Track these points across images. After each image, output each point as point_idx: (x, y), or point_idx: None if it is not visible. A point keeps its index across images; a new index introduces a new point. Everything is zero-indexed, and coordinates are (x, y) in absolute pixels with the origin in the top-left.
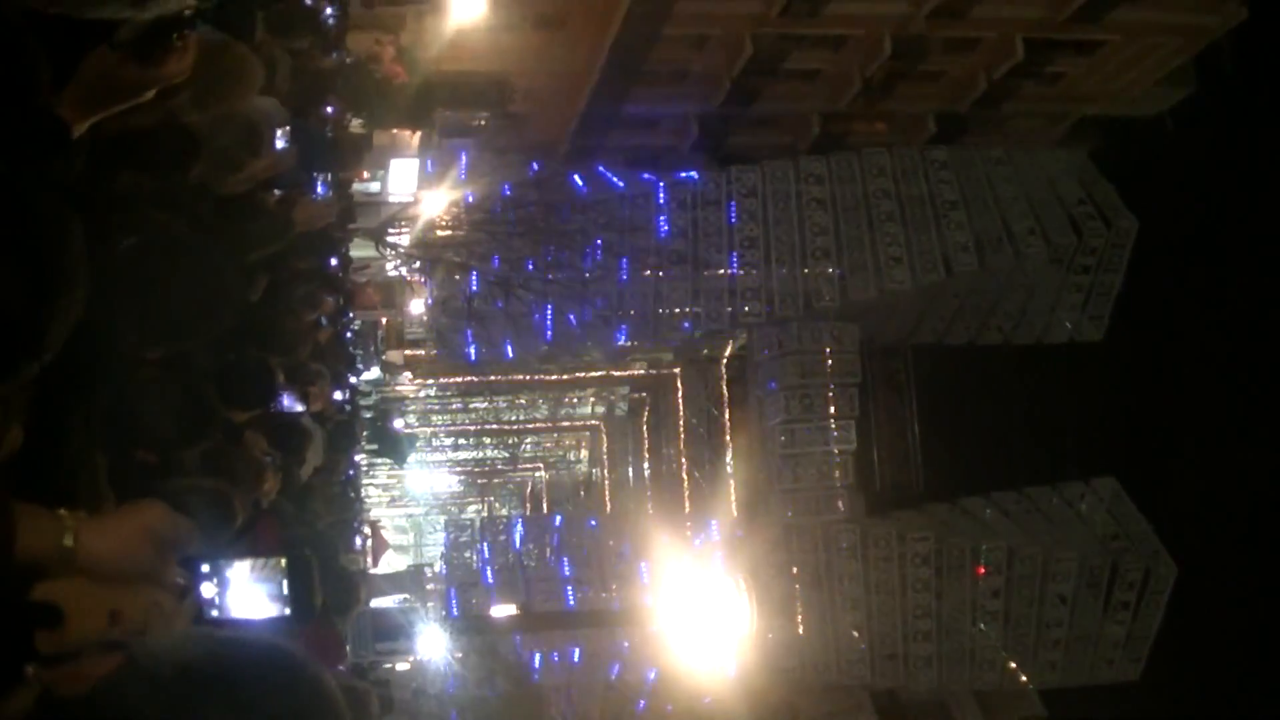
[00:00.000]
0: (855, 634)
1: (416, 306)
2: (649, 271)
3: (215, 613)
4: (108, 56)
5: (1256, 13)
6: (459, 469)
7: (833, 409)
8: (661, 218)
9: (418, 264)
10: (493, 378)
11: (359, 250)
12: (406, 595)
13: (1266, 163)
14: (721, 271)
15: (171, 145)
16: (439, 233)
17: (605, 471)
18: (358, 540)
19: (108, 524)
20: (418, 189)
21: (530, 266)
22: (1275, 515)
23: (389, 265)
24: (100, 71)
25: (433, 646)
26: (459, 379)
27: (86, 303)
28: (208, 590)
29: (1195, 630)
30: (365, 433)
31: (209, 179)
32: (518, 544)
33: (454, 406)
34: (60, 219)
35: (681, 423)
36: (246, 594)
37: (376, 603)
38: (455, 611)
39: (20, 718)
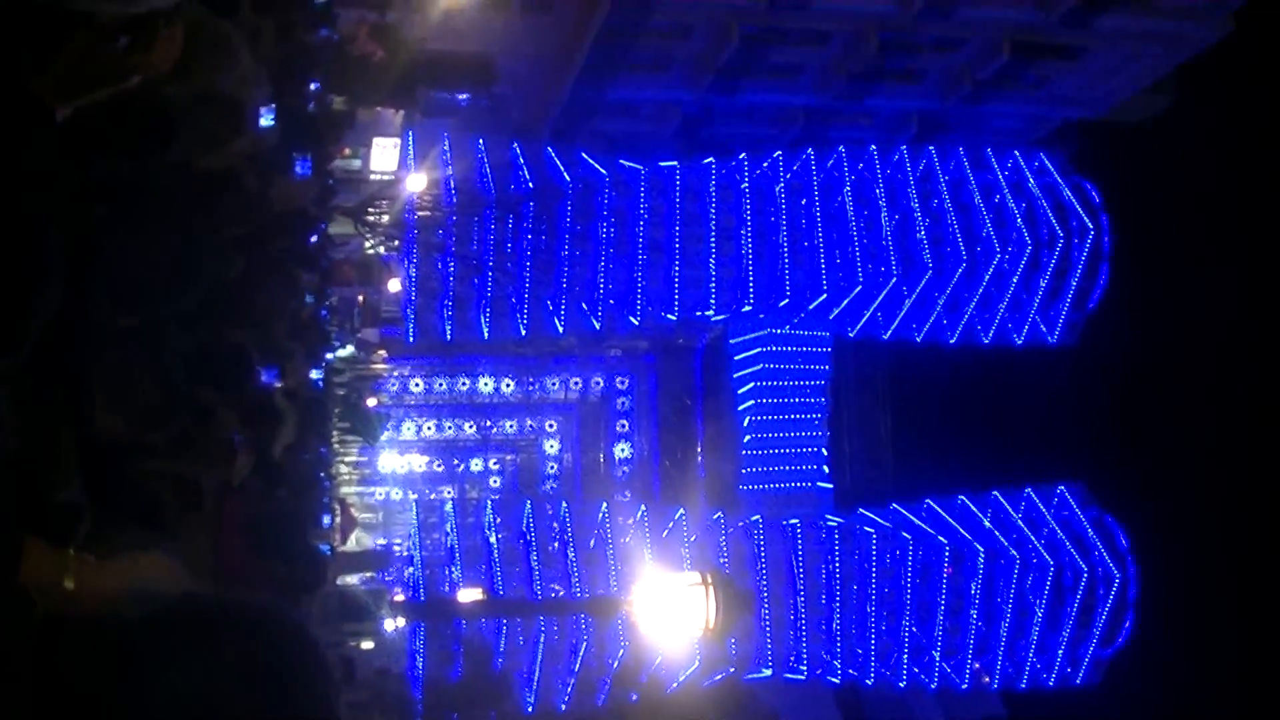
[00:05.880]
0: (820, 628)
1: (394, 285)
2: (627, 258)
3: None
4: (94, 42)
5: (1239, 26)
6: (430, 449)
7: (805, 403)
8: (641, 205)
9: (396, 243)
10: (467, 359)
11: (338, 227)
12: (374, 574)
13: (1245, 173)
14: (701, 261)
15: (148, 126)
16: (418, 213)
17: (576, 457)
18: (326, 518)
19: (107, 571)
20: (399, 168)
21: (509, 249)
22: (1243, 522)
23: (368, 243)
24: (86, 57)
25: (398, 627)
26: (433, 359)
27: (62, 284)
28: None
29: (1159, 635)
30: (338, 410)
31: (189, 155)
32: (486, 527)
33: (427, 387)
34: (35, 215)
35: (655, 411)
36: None
37: (344, 580)
38: (422, 593)
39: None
